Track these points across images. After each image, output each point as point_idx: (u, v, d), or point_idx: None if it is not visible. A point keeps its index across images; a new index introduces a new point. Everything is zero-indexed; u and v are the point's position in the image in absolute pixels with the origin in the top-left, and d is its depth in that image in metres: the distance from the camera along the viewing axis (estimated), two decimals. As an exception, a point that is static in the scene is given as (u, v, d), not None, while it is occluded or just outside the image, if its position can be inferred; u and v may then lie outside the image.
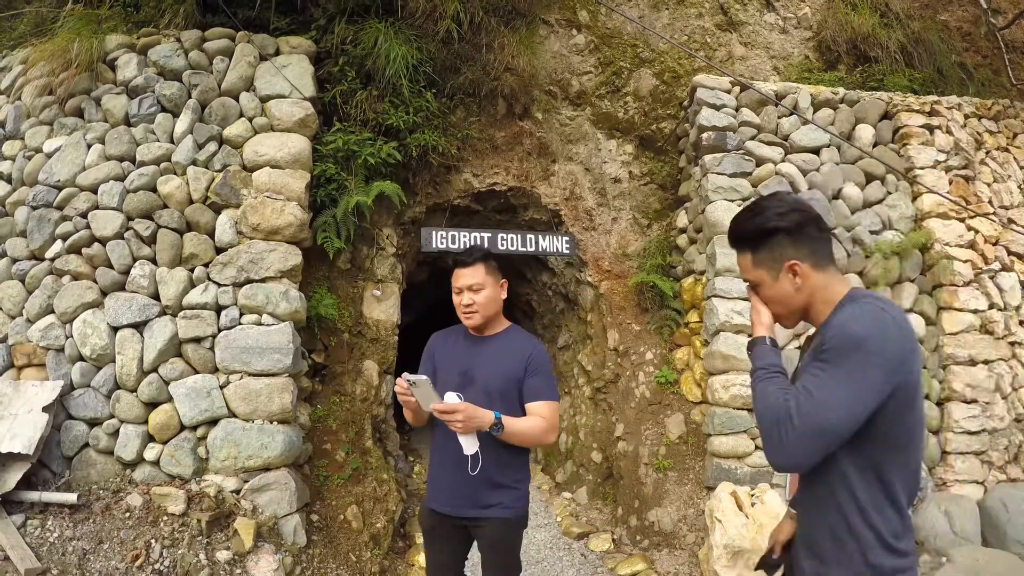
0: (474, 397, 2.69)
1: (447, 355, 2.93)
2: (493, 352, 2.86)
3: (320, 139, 5.21)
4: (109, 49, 5.09)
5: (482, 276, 2.81)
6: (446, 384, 2.79)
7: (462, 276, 2.82)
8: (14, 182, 5.03)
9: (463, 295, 2.81)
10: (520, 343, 2.90)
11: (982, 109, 6.15)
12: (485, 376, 2.78)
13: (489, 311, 2.86)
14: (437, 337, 3.08)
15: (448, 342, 3.00)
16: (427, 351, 3.01)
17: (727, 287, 5.19)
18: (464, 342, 2.94)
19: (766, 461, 4.92)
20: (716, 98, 5.64)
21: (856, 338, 1.66)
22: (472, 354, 2.86)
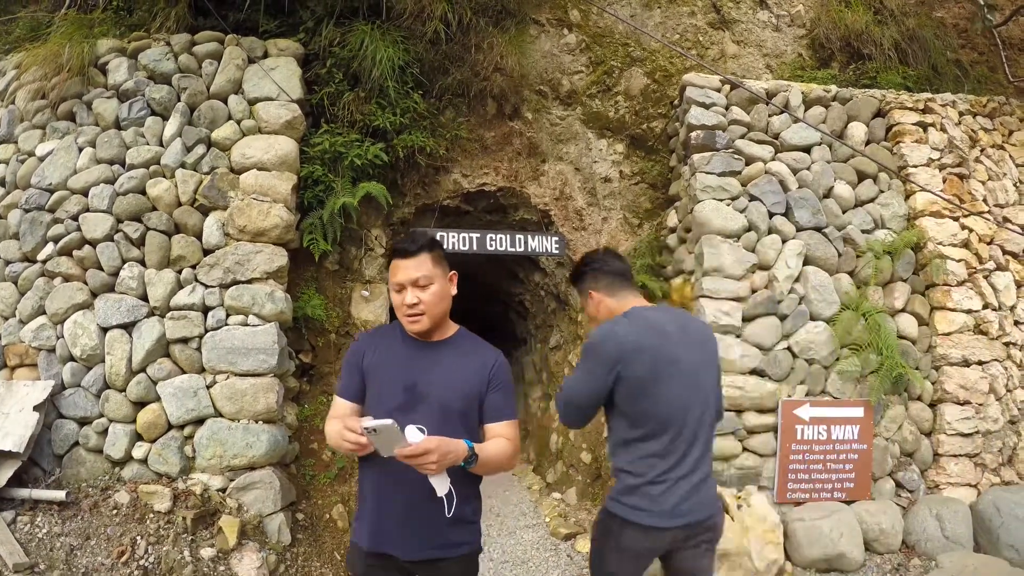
0: (427, 419, 2.26)
1: (383, 364, 2.42)
2: (447, 362, 2.40)
3: (307, 141, 5.24)
4: (100, 53, 5.15)
5: (429, 268, 2.34)
6: (387, 402, 2.31)
7: (403, 269, 2.33)
8: (7, 185, 5.10)
9: (405, 292, 2.33)
10: (479, 351, 2.48)
11: (977, 106, 6.08)
12: (440, 393, 2.33)
13: (438, 312, 2.38)
14: (366, 340, 2.56)
15: (383, 347, 2.47)
16: (351, 357, 2.49)
17: (715, 287, 5.16)
18: (405, 348, 2.43)
19: (753, 463, 4.96)
20: (706, 96, 5.61)
21: (587, 344, 2.60)
22: (419, 364, 2.38)
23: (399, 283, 2.35)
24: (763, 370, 5.13)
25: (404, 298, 2.34)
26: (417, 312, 2.34)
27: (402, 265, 2.35)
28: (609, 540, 2.63)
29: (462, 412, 2.33)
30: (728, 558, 4.55)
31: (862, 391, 5.22)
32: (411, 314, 2.34)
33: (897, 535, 5.01)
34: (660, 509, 2.48)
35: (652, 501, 2.48)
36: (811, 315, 5.26)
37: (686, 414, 2.53)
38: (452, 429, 2.22)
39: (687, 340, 2.62)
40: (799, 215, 5.37)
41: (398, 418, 2.10)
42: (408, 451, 2.01)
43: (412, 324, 2.36)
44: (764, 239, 5.33)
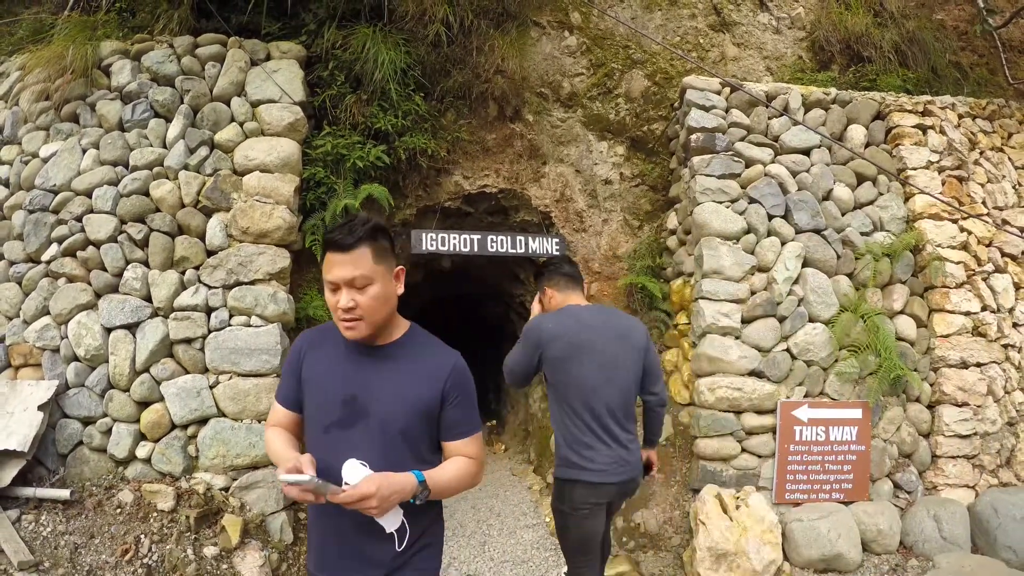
0: (367, 439, 1.97)
1: (321, 372, 2.09)
2: (393, 369, 2.06)
3: (310, 143, 5.28)
4: (104, 55, 5.18)
5: (368, 266, 1.94)
6: (322, 418, 2.03)
7: (338, 265, 1.94)
8: (11, 186, 5.13)
9: (339, 293, 1.96)
10: (432, 356, 2.12)
11: (976, 109, 6.10)
12: (384, 407, 2.00)
13: (379, 317, 2.01)
14: (307, 340, 2.20)
15: (323, 351, 2.14)
16: (291, 358, 2.18)
17: (714, 289, 5.20)
18: (346, 353, 2.09)
19: (751, 464, 4.98)
20: (706, 99, 5.64)
21: (524, 329, 3.40)
22: (361, 373, 2.05)
23: (332, 282, 1.97)
24: (762, 371, 5.16)
25: (338, 300, 1.96)
26: (353, 318, 1.97)
27: (336, 261, 1.95)
28: (563, 505, 3.36)
29: (408, 430, 2.01)
30: (726, 558, 4.59)
31: (860, 392, 5.25)
32: (346, 319, 1.98)
33: (895, 536, 5.04)
34: (597, 468, 3.20)
35: (588, 463, 3.21)
36: (810, 317, 5.29)
37: (600, 392, 3.24)
38: (396, 452, 1.98)
39: (607, 332, 3.33)
40: (798, 217, 5.40)
41: (335, 435, 1.98)
42: (342, 498, 1.77)
43: (347, 331, 2.00)
44: (763, 241, 5.35)
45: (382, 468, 1.90)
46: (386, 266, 2.01)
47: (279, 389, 2.21)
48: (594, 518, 3.31)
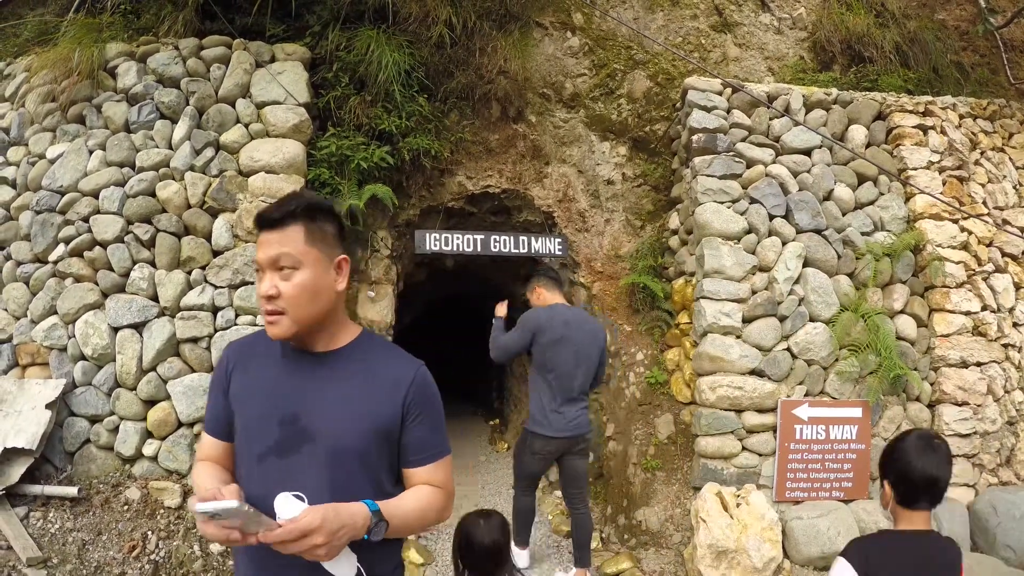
0: (312, 466, 1.60)
1: (252, 387, 1.72)
2: (343, 382, 1.70)
3: (314, 144, 5.32)
4: (109, 57, 5.23)
5: (297, 246, 1.63)
6: (256, 443, 1.65)
7: (263, 244, 1.65)
8: (18, 187, 5.20)
9: (264, 278, 1.64)
10: (389, 365, 1.76)
11: (977, 109, 6.12)
12: (332, 428, 1.64)
13: (306, 311, 1.64)
14: (235, 352, 1.83)
15: (256, 362, 1.76)
16: (216, 376, 1.82)
17: (715, 289, 5.23)
18: (283, 362, 1.73)
19: (752, 462, 5.02)
20: (707, 100, 5.67)
21: (523, 318, 4.54)
22: (302, 385, 1.68)
23: (256, 262, 1.66)
24: (763, 370, 5.19)
25: (261, 286, 1.64)
26: (274, 310, 1.62)
27: (262, 239, 1.65)
28: (525, 447, 4.68)
29: (363, 454, 1.65)
30: (727, 555, 4.62)
31: (861, 391, 5.28)
32: (267, 311, 1.63)
33: (894, 534, 5.06)
34: (554, 428, 4.50)
35: (549, 425, 4.50)
36: (810, 316, 5.32)
37: (569, 373, 4.50)
38: (349, 482, 1.61)
39: (581, 329, 4.60)
40: (799, 217, 5.43)
41: (272, 465, 1.60)
42: (279, 535, 1.40)
43: (269, 327, 1.65)
44: (764, 241, 5.39)
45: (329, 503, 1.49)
46: (322, 252, 1.67)
47: (206, 417, 1.83)
48: (544, 463, 4.73)
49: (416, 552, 5.13)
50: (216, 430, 1.80)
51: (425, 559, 5.13)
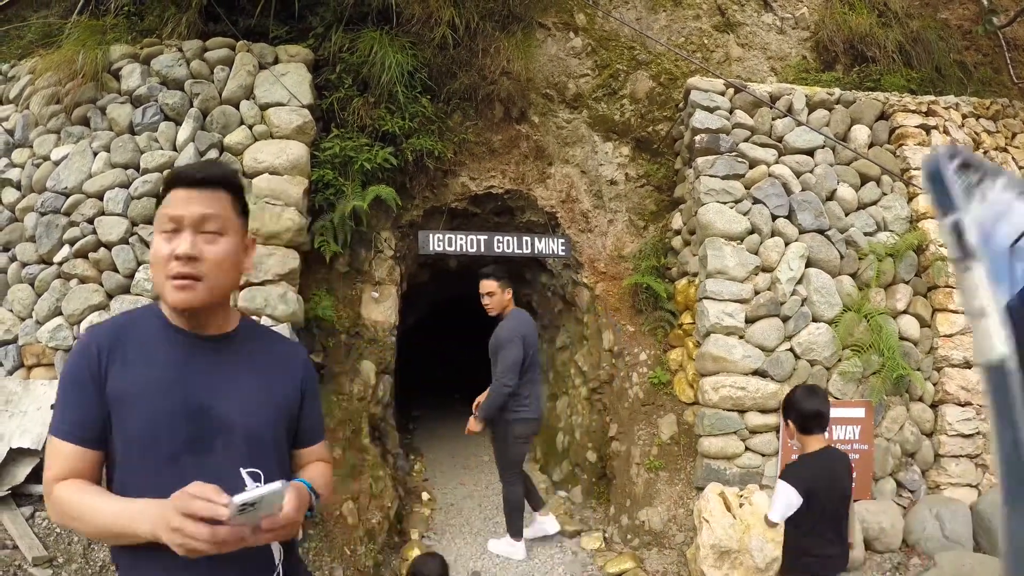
0: (232, 460, 1.51)
1: (144, 380, 1.50)
2: (246, 365, 1.63)
3: (318, 145, 5.34)
4: (113, 59, 5.24)
5: (228, 211, 1.55)
6: (164, 442, 1.47)
7: (183, 201, 1.50)
8: (23, 189, 5.21)
9: (179, 236, 1.48)
10: (281, 345, 1.77)
11: (980, 109, 6.12)
12: (248, 415, 1.56)
13: (224, 283, 1.56)
14: (101, 339, 1.53)
15: (135, 352, 1.53)
16: (77, 371, 1.50)
17: (718, 289, 5.24)
18: (172, 348, 1.55)
19: (755, 462, 5.02)
20: (710, 100, 5.67)
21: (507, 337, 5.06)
22: (203, 372, 1.55)
23: (174, 218, 1.49)
24: (765, 371, 5.20)
25: (175, 245, 1.47)
26: (190, 274, 1.48)
27: (183, 197, 1.51)
28: (508, 437, 5.13)
29: (276, 440, 1.62)
30: (730, 555, 4.63)
31: (864, 392, 5.28)
32: (181, 274, 1.47)
33: (897, 534, 5.07)
34: (529, 411, 5.11)
35: (526, 409, 5.10)
36: (813, 316, 5.32)
37: (534, 368, 5.21)
38: (267, 468, 1.55)
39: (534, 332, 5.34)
40: (802, 218, 5.44)
41: (188, 463, 1.46)
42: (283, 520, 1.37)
43: (178, 292, 1.48)
44: (767, 241, 5.39)
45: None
46: (242, 226, 1.63)
47: (62, 421, 1.49)
48: (527, 445, 5.33)
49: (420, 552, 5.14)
50: (85, 436, 1.47)
51: (429, 559, 5.14)
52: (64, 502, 1.45)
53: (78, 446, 1.48)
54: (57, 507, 1.46)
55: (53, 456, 1.50)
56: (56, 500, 1.46)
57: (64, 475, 1.47)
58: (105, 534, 1.43)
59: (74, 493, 1.44)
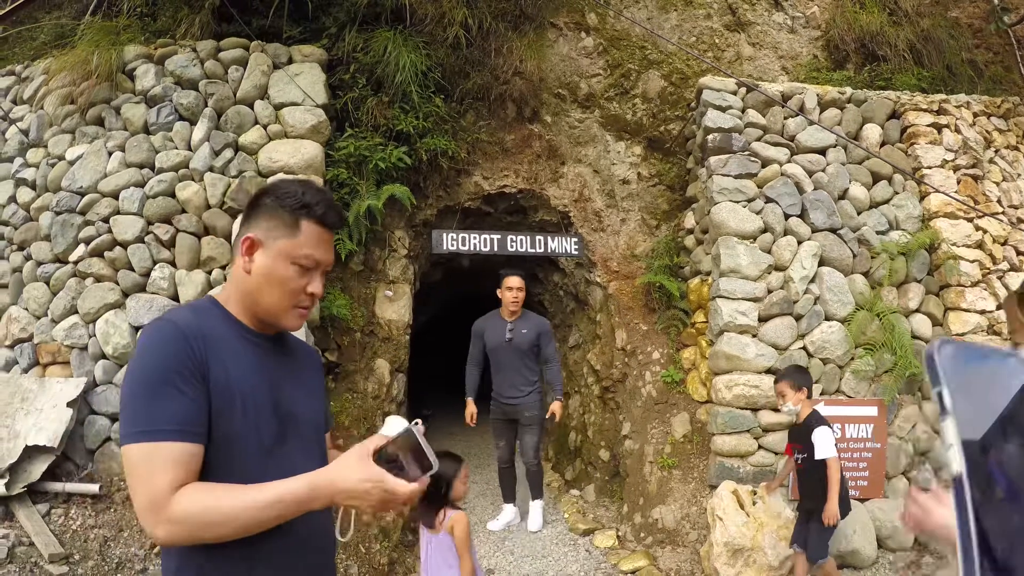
0: (305, 455, 1.58)
1: (241, 374, 1.50)
2: (294, 362, 1.72)
3: (332, 145, 5.36)
4: (127, 59, 5.27)
5: None
6: (262, 436, 1.50)
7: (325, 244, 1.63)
8: (38, 188, 5.25)
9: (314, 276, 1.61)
10: (304, 347, 1.85)
11: (991, 107, 6.12)
12: (308, 410, 1.67)
13: None
14: (192, 332, 1.46)
15: (224, 345, 1.51)
16: (178, 367, 1.39)
17: (731, 288, 5.25)
18: (248, 345, 1.58)
19: (768, 460, 5.02)
20: (722, 99, 5.68)
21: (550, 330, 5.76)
22: (275, 370, 1.61)
23: (315, 259, 1.59)
24: (779, 369, 5.20)
25: (309, 282, 1.60)
26: (309, 307, 1.65)
27: (325, 239, 1.62)
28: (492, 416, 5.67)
29: (321, 429, 1.75)
30: (743, 553, 4.64)
31: (876, 390, 5.29)
32: (306, 307, 1.63)
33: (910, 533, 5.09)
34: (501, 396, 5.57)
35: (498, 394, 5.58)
36: (826, 315, 5.33)
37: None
38: (320, 454, 1.68)
39: None
40: (814, 217, 5.44)
41: (279, 455, 1.52)
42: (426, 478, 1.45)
43: (300, 320, 1.63)
44: (780, 240, 5.40)
45: None
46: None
47: (164, 418, 1.35)
48: (505, 420, 5.68)
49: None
50: (197, 431, 1.39)
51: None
52: (200, 510, 1.31)
53: (190, 443, 1.37)
54: (189, 519, 1.30)
55: (158, 463, 1.32)
56: (185, 512, 1.30)
57: (182, 481, 1.33)
58: (258, 526, 1.34)
59: (208, 496, 1.33)
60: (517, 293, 5.50)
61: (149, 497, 1.30)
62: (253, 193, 1.63)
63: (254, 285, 1.56)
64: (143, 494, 1.31)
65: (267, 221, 1.57)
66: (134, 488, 1.34)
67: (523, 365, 5.54)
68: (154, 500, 1.30)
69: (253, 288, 1.56)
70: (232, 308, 1.61)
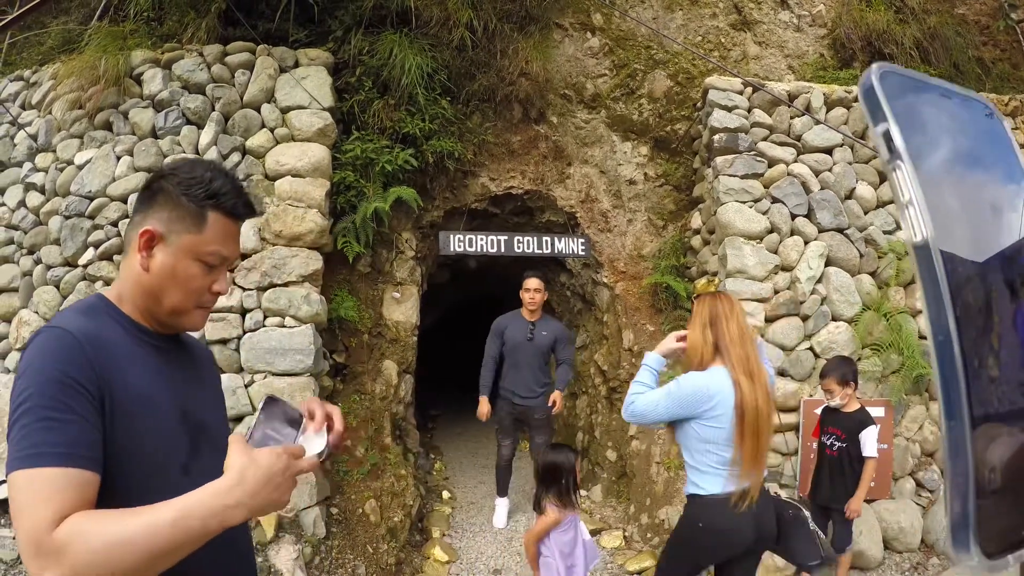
0: (217, 465, 1.22)
1: (144, 384, 1.34)
2: (196, 366, 1.59)
3: (339, 148, 5.38)
4: (135, 64, 5.29)
5: None
6: (171, 454, 1.36)
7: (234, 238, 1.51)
8: (47, 193, 5.29)
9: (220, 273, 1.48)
10: (199, 345, 1.69)
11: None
12: (214, 416, 1.56)
13: None
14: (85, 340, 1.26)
15: (120, 350, 1.33)
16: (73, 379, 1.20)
17: (738, 288, 5.25)
18: (144, 348, 1.41)
19: (775, 461, 5.00)
20: (728, 99, 5.68)
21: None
22: (177, 375, 1.47)
23: (224, 257, 1.46)
24: (785, 370, 5.21)
25: (214, 281, 1.46)
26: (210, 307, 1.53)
27: (229, 232, 1.48)
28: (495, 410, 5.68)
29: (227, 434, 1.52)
30: (752, 554, 4.65)
31: (883, 391, 5.29)
32: (208, 307, 1.51)
33: (916, 534, 5.08)
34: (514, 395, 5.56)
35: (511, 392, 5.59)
36: (833, 315, 5.33)
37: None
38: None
39: None
40: (821, 216, 5.44)
41: (196, 472, 1.37)
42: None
43: (198, 320, 1.50)
44: (786, 240, 5.40)
45: None
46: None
47: (52, 441, 1.15)
48: (512, 419, 5.70)
49: (441, 550, 5.19)
50: (91, 456, 1.19)
51: (450, 556, 5.19)
52: (93, 540, 1.08)
53: (79, 469, 1.15)
54: (80, 551, 1.07)
55: (43, 491, 1.11)
56: (75, 544, 1.07)
57: (68, 511, 1.11)
58: (164, 554, 1.10)
59: (100, 523, 1.10)
60: (534, 294, 5.56)
61: (29, 533, 1.09)
62: (150, 176, 1.47)
63: (155, 284, 1.40)
64: (23, 530, 1.10)
65: (168, 212, 1.40)
66: (15, 523, 1.12)
67: (540, 365, 5.60)
68: (33, 536, 1.08)
69: (153, 287, 1.40)
70: (126, 308, 1.43)
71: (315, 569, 4.54)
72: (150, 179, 1.46)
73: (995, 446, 0.40)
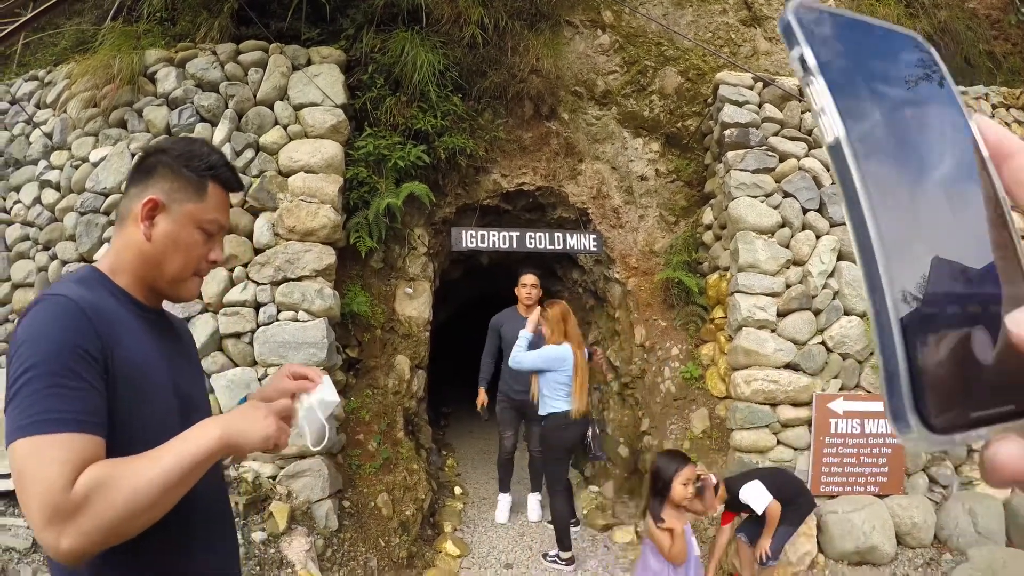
0: None
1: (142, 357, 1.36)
2: (182, 341, 1.65)
3: (352, 144, 5.42)
4: (149, 63, 5.33)
5: None
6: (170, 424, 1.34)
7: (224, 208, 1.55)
8: (62, 190, 5.34)
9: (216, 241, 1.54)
10: (179, 320, 1.75)
11: (1010, 98, 6.06)
12: (199, 391, 1.62)
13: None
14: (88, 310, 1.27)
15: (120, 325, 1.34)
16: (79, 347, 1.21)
17: (750, 283, 5.25)
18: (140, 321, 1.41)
19: (787, 456, 5.01)
20: (739, 95, 5.67)
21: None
22: (168, 348, 1.50)
23: (221, 224, 1.52)
24: (797, 364, 5.21)
25: (211, 249, 1.51)
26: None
27: (224, 201, 1.54)
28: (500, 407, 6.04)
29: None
30: (765, 548, 4.64)
31: (896, 385, 5.26)
32: (204, 274, 1.55)
33: (929, 529, 5.07)
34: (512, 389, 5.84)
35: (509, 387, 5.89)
36: (845, 310, 5.32)
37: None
38: None
39: None
40: (833, 211, 5.43)
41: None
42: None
43: (192, 289, 1.53)
44: (798, 235, 5.40)
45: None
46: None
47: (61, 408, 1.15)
48: (513, 410, 5.93)
49: (453, 544, 5.22)
50: (99, 425, 1.20)
51: (462, 551, 5.21)
52: (120, 483, 1.12)
53: (91, 435, 1.17)
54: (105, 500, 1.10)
55: (58, 455, 1.11)
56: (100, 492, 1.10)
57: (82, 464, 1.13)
58: (172, 486, 1.16)
59: (116, 467, 1.15)
60: (531, 290, 5.65)
61: (43, 497, 1.08)
62: (144, 153, 1.51)
63: (157, 252, 1.42)
64: (35, 496, 1.08)
65: (170, 183, 1.45)
66: (24, 492, 1.10)
67: None
68: (48, 500, 1.08)
69: (155, 255, 1.43)
70: (121, 280, 1.44)
71: (327, 561, 4.56)
72: (143, 155, 1.52)
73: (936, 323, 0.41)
